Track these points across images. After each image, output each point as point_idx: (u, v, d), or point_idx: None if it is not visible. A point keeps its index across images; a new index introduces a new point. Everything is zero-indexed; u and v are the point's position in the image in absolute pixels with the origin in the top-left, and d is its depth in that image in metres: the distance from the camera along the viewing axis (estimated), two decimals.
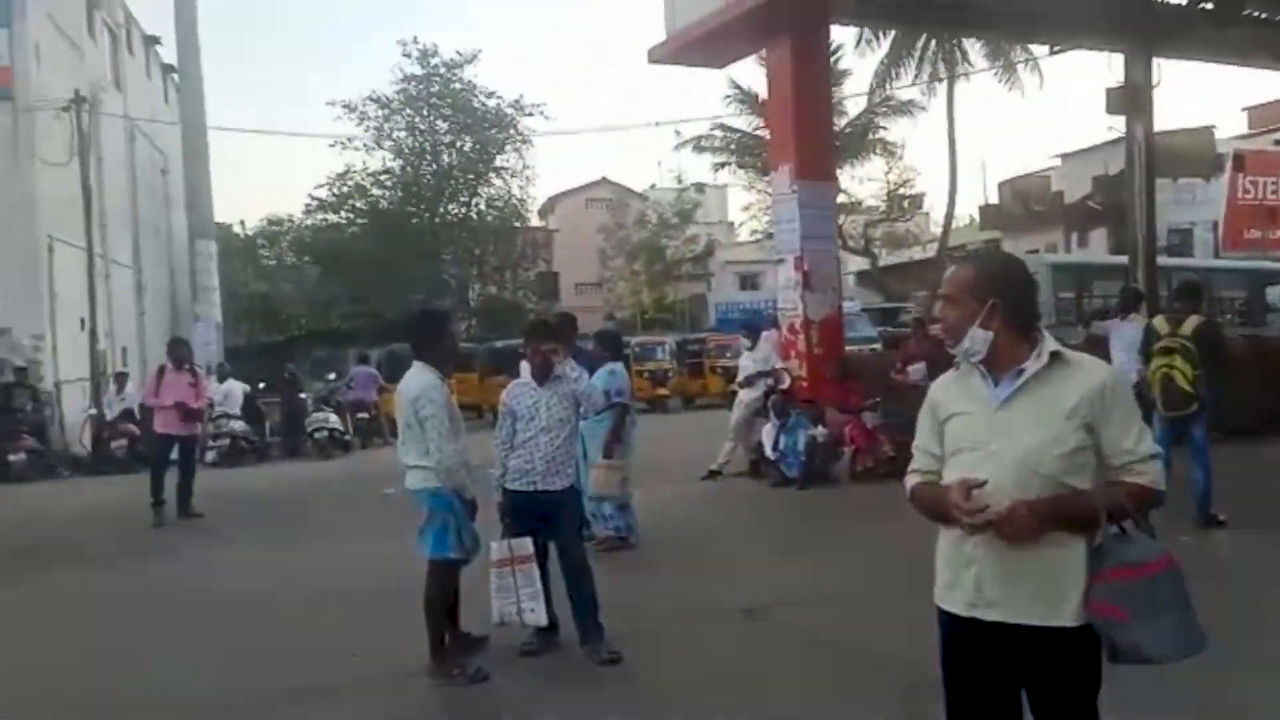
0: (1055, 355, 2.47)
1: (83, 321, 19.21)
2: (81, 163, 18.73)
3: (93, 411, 18.06)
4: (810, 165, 11.95)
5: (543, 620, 5.17)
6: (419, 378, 5.03)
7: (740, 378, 12.14)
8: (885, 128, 33.95)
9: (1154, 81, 14.84)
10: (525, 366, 5.54)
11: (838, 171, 15.14)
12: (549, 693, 4.91)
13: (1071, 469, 2.41)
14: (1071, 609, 2.39)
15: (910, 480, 2.70)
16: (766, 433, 11.07)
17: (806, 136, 12.03)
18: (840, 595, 6.32)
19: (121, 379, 18.24)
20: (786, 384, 11.65)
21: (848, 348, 13.56)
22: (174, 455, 10.99)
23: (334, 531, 9.38)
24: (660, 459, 12.22)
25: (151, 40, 29.15)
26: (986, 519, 2.37)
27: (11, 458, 15.71)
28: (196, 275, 25.88)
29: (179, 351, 11.42)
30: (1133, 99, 14.87)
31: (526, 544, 5.15)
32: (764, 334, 12.30)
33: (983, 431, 2.50)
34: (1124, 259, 16.30)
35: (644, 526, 8.14)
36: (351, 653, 5.41)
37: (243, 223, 42.55)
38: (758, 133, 33.03)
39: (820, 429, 10.92)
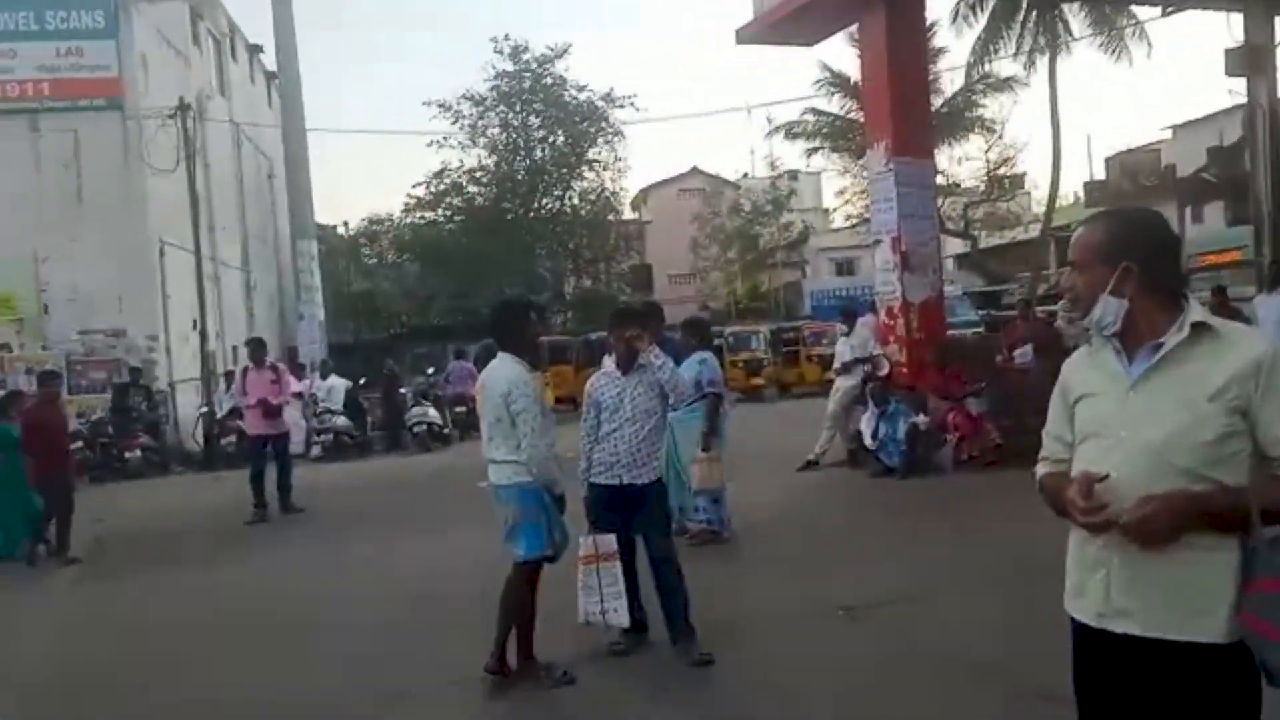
0: (1200, 326, 2.09)
1: (194, 322, 19.85)
2: (189, 168, 19.32)
3: (204, 409, 18.63)
4: (907, 142, 11.48)
5: (625, 621, 5.00)
6: (507, 370, 4.85)
7: (837, 364, 11.78)
8: (984, 105, 32.71)
9: (1277, 41, 13.94)
10: (608, 359, 5.36)
11: (935, 153, 14.51)
12: (637, 696, 4.74)
13: (1217, 460, 2.04)
14: (1219, 622, 2.03)
15: (1039, 470, 2.38)
16: (865, 421, 10.70)
17: (902, 111, 11.56)
18: (944, 594, 5.99)
19: (230, 377, 18.74)
20: (885, 370, 11.27)
21: (949, 332, 13.04)
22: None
23: (430, 526, 9.38)
24: (755, 449, 11.97)
25: (255, 48, 30.03)
26: (1107, 519, 2.05)
27: (127, 455, 16.32)
28: (299, 275, 26.55)
29: (257, 350, 11.65)
30: (1254, 59, 13.97)
31: (611, 540, 4.98)
32: (861, 319, 11.93)
33: (1112, 416, 2.16)
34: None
35: (739, 519, 7.91)
36: (439, 651, 5.34)
37: (346, 223, 43.61)
38: (850, 116, 32.31)
39: (921, 416, 10.51)
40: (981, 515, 8.30)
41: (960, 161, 34.79)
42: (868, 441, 10.61)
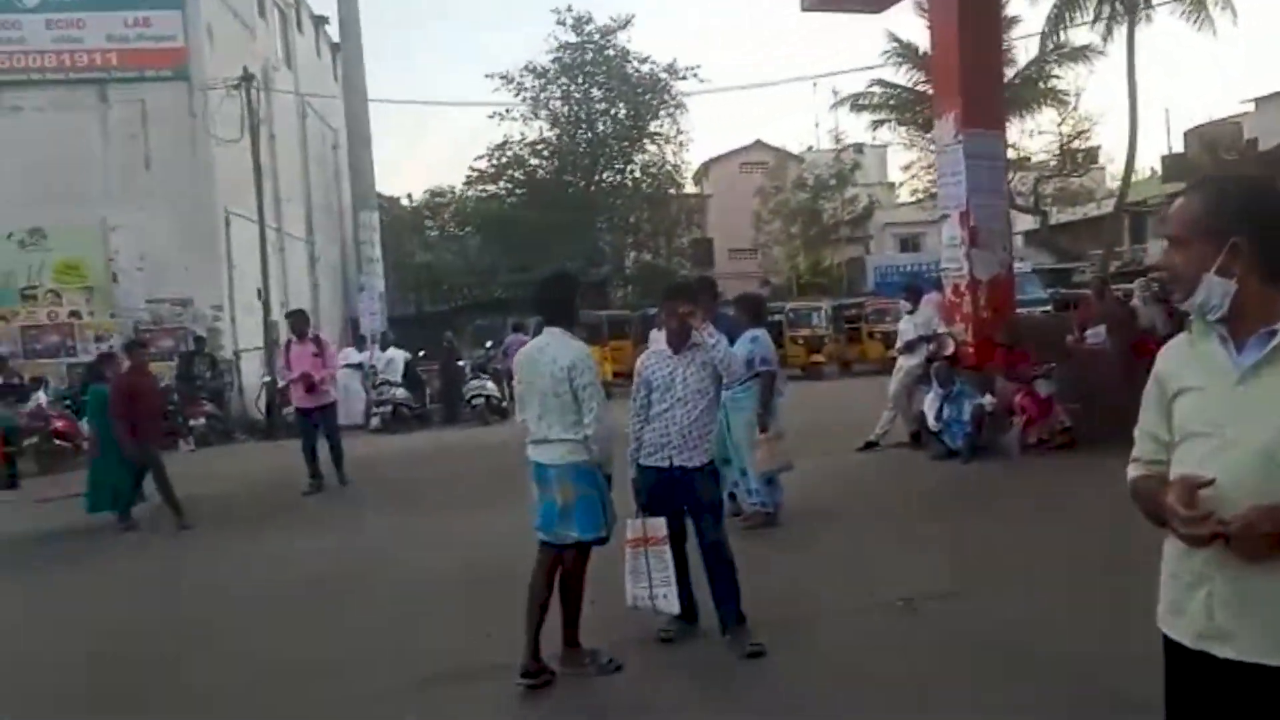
0: None
1: (259, 292, 20.09)
2: (253, 139, 19.49)
3: (266, 379, 18.87)
4: (977, 112, 11.01)
5: (675, 608, 4.82)
6: (568, 345, 4.64)
7: (900, 343, 11.45)
8: (1058, 76, 31.62)
9: None
10: (655, 334, 5.16)
11: (1006, 125, 13.90)
12: (684, 686, 4.57)
13: None
14: None
15: (1130, 472, 2.13)
16: (929, 402, 10.37)
17: (973, 81, 11.09)
18: (1012, 586, 5.68)
19: (289, 347, 18.94)
20: (950, 350, 10.90)
21: (1018, 310, 12.57)
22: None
23: (482, 501, 9.27)
24: (814, 428, 11.72)
25: (320, 20, 30.22)
26: (1212, 530, 1.81)
27: (192, 423, 16.58)
28: (360, 246, 26.79)
29: (298, 323, 11.45)
30: None
31: (660, 524, 4.79)
32: (926, 296, 11.57)
33: (1218, 412, 1.90)
34: None
35: (796, 501, 7.68)
36: (486, 632, 5.20)
37: (409, 195, 43.92)
38: (919, 88, 31.53)
39: (988, 398, 10.16)
40: (1050, 503, 7.99)
41: (1032, 134, 33.80)
42: (931, 423, 10.29)
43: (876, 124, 34.87)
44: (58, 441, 14.81)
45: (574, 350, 4.62)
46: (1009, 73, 27.68)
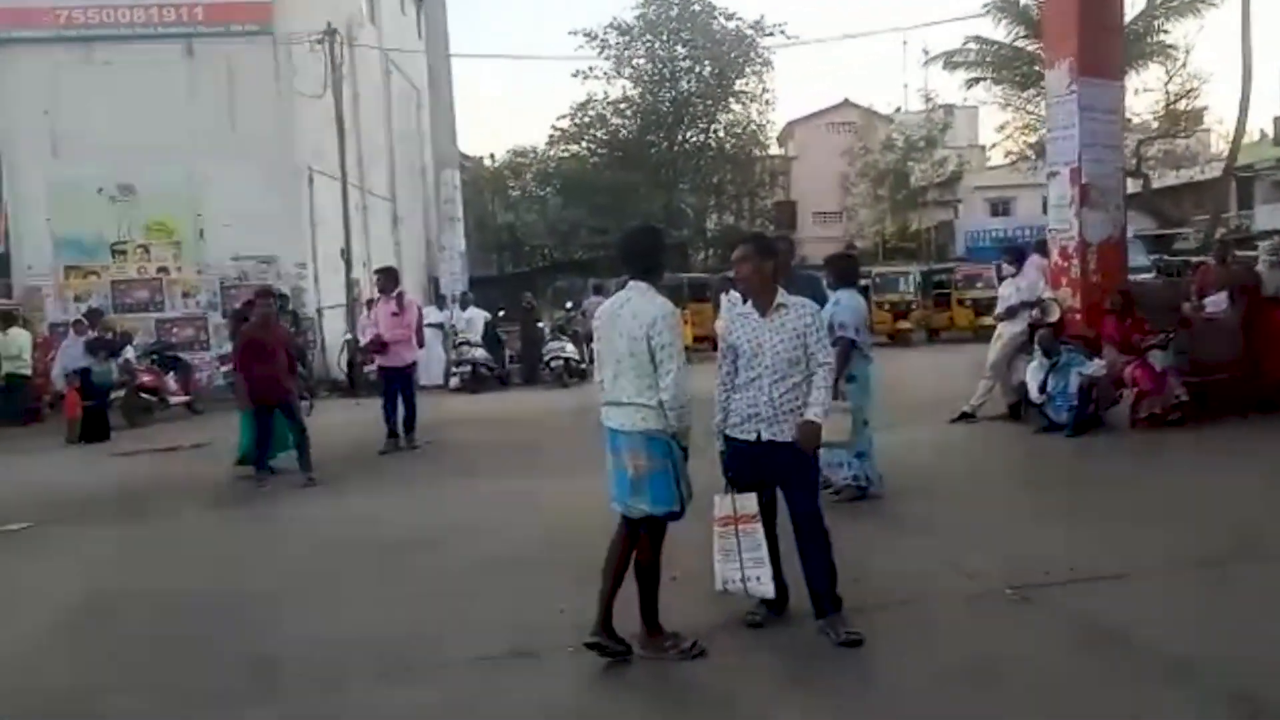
0: None
1: (342, 250, 20.14)
2: (335, 95, 19.45)
3: (348, 337, 18.93)
4: (1095, 60, 10.22)
5: (769, 591, 4.43)
6: (650, 301, 4.23)
7: (1000, 309, 10.75)
8: (1166, 31, 29.89)
9: None
10: (725, 297, 4.70)
11: (1124, 75, 12.78)
12: (771, 676, 4.20)
13: None
14: None
15: None
16: (1031, 372, 9.72)
17: (1090, 24, 10.27)
18: (1132, 575, 5.15)
19: (371, 305, 18.97)
20: (1055, 317, 10.23)
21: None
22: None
23: (558, 466, 8.98)
24: (905, 398, 11.22)
25: None
26: None
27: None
28: (441, 205, 26.74)
29: (385, 280, 11.26)
30: None
31: (751, 501, 4.39)
32: (1030, 259, 10.86)
33: None
34: None
35: (889, 476, 7.16)
36: (559, 608, 4.87)
37: (493, 155, 43.93)
38: (1017, 44, 30.19)
39: (1097, 366, 9.48)
40: (1166, 482, 7.39)
41: (1137, 93, 32.10)
42: (1033, 394, 9.65)
43: (971, 82, 33.61)
44: (144, 395, 15.04)
45: (656, 307, 4.21)
46: None
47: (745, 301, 4.64)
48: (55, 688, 4.47)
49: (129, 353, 15.48)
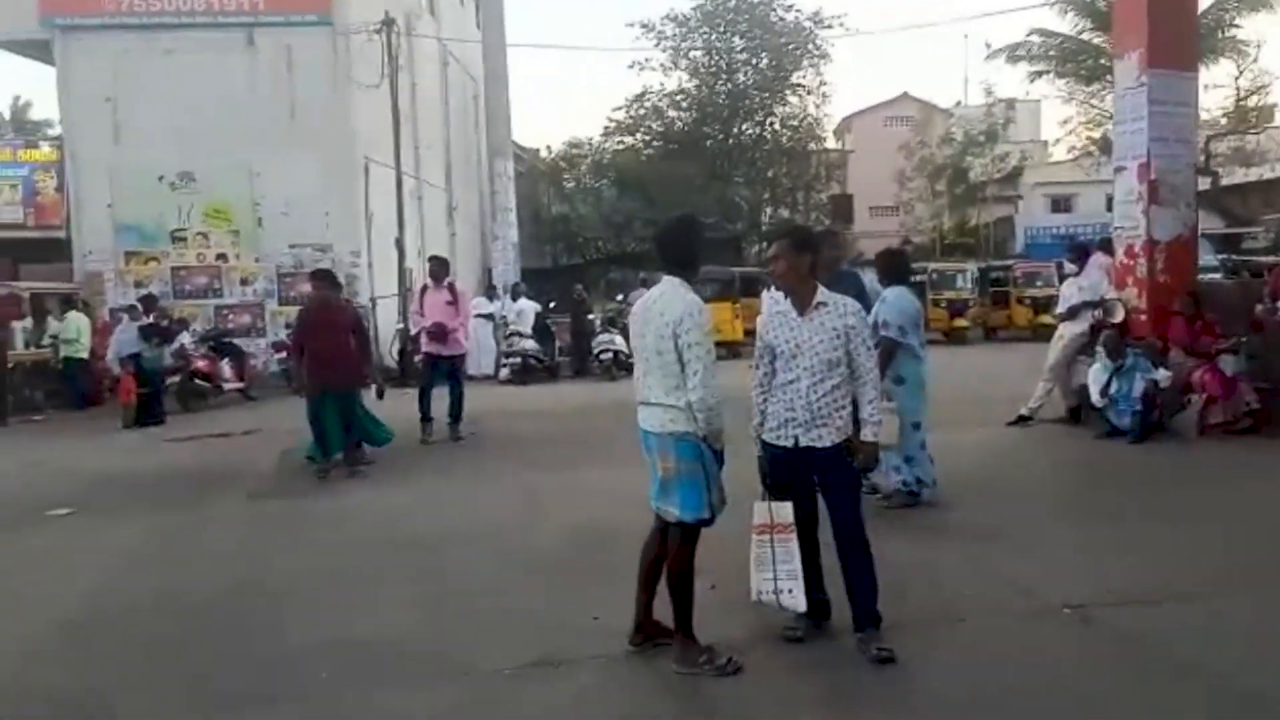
0: None
1: (396, 240, 20.23)
2: (391, 85, 19.51)
3: (400, 325, 19.01)
4: (1166, 50, 9.80)
5: (801, 605, 4.22)
6: (678, 296, 4.06)
7: (1061, 308, 10.40)
8: (1238, 25, 28.86)
9: None
10: (767, 295, 4.51)
11: (1198, 66, 12.08)
12: (810, 694, 3.98)
13: None
14: None
15: None
16: (1093, 375, 9.38)
17: (1162, 12, 9.87)
18: (1200, 595, 4.86)
19: (424, 293, 19.01)
20: (1119, 317, 9.88)
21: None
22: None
23: (603, 460, 8.81)
24: (959, 398, 10.93)
25: None
26: None
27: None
28: (495, 195, 26.77)
29: (437, 268, 11.12)
30: None
31: (787, 511, 4.19)
32: (1093, 258, 10.49)
33: None
34: None
35: (940, 481, 6.89)
36: (594, 615, 4.73)
37: (549, 147, 43.96)
38: (1083, 36, 29.40)
39: (1162, 372, 9.12)
40: (1237, 494, 7.06)
41: (1206, 88, 31.06)
42: (1095, 398, 9.32)
43: (1034, 75, 32.80)
44: (199, 382, 15.23)
45: (684, 303, 4.02)
46: None
47: (786, 299, 4.44)
48: (62, 685, 4.38)
49: (185, 339, 15.69)
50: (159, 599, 5.57)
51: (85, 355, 16.04)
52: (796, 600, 4.20)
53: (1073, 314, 10.15)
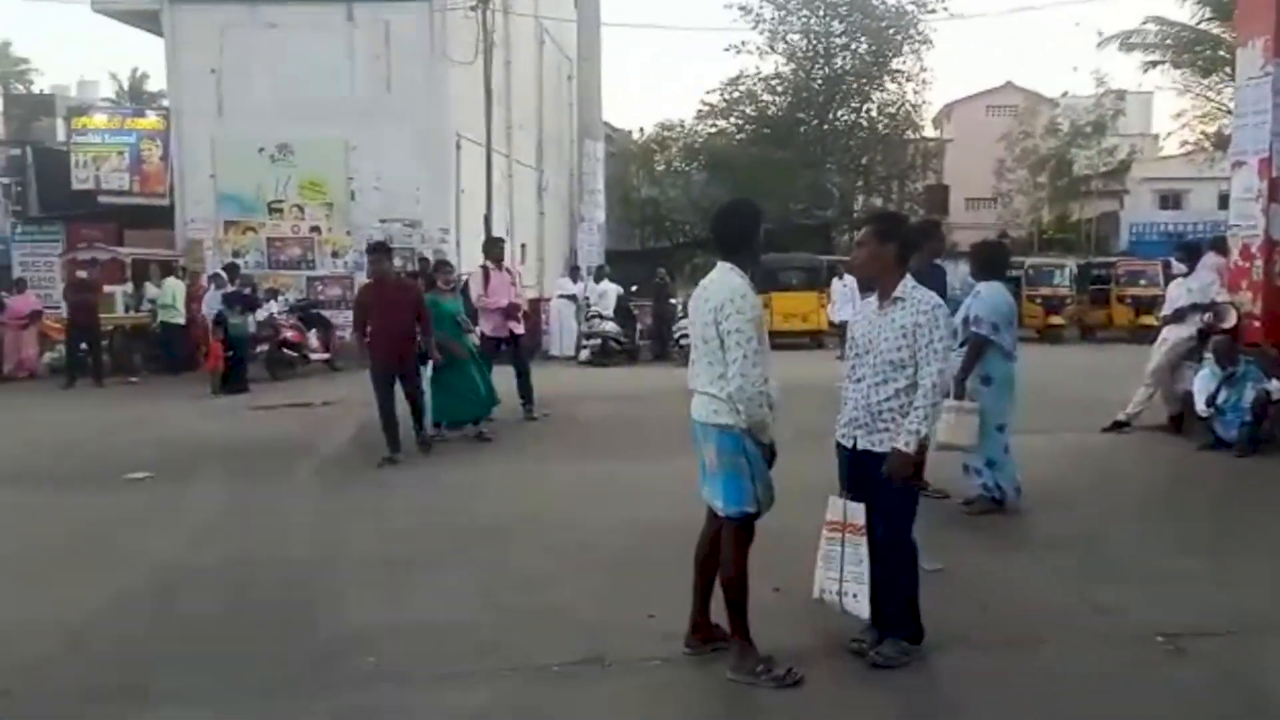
0: None
1: (486, 218, 20.32)
2: (485, 62, 19.56)
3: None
4: None
5: (864, 612, 3.98)
6: (724, 281, 3.88)
7: (1167, 310, 9.83)
8: None
9: None
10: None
11: None
12: (870, 713, 3.76)
13: None
14: None
15: None
16: (1200, 382, 8.86)
17: None
18: None
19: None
20: (1230, 323, 9.30)
21: None
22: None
23: (674, 449, 8.31)
24: (1050, 400, 10.47)
25: None
26: None
27: None
28: (583, 176, 26.74)
29: (495, 250, 11.04)
30: None
31: (860, 511, 3.97)
32: (1205, 258, 9.89)
33: None
34: None
35: (1026, 488, 6.51)
36: (650, 613, 4.54)
37: (641, 129, 43.77)
38: (1201, 25, 28.04)
39: (1275, 383, 8.56)
40: None
41: None
42: (1200, 407, 8.80)
43: (1148, 65, 31.41)
44: (287, 351, 15.54)
45: (729, 288, 3.84)
46: None
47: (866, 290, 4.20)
48: (104, 657, 4.37)
49: (273, 308, 16.01)
50: (218, 572, 5.58)
51: (181, 321, 16.51)
52: (860, 606, 3.98)
53: (1179, 317, 9.59)
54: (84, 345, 15.41)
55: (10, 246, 20.93)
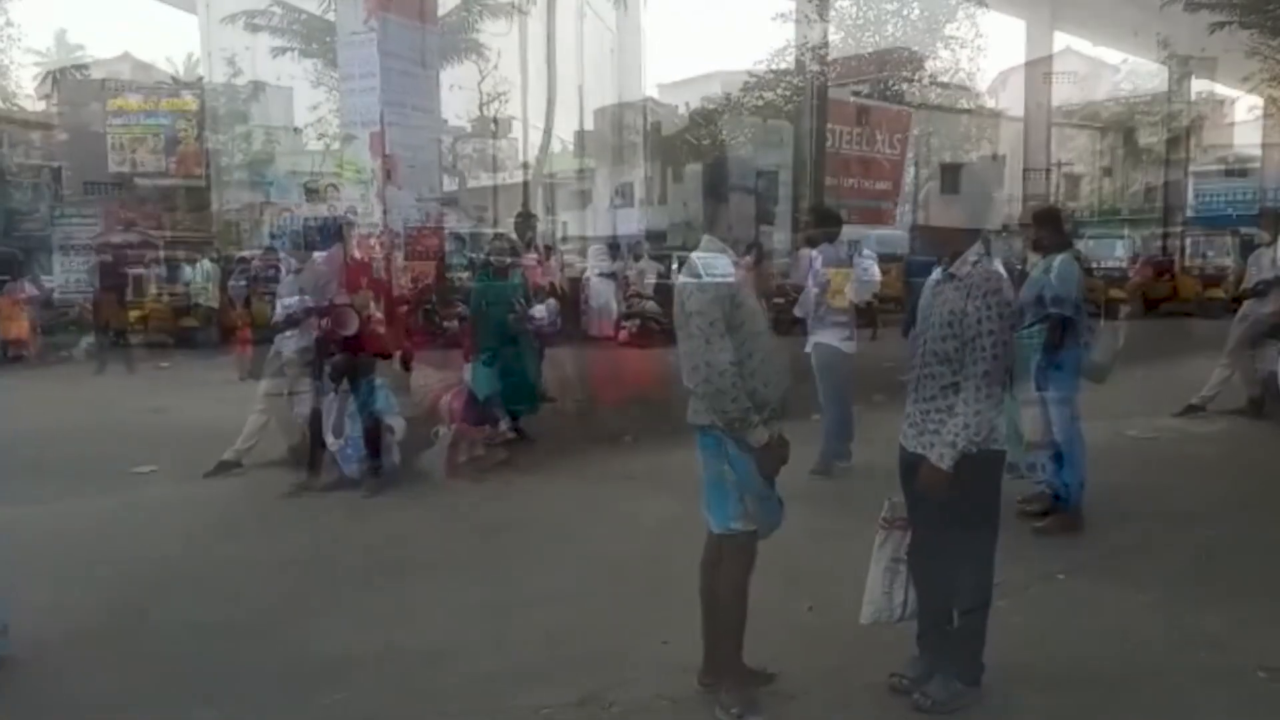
0: None
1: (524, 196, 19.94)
2: (521, 36, 19.13)
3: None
4: None
5: (898, 614, 3.47)
6: (694, 256, 3.33)
7: (1249, 283, 9.06)
8: None
9: None
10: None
11: None
12: None
13: None
14: None
15: None
16: None
17: None
18: None
19: (548, 253, 18.65)
20: None
21: None
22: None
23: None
24: (1115, 380, 9.68)
25: None
26: None
27: (445, 324, 16.61)
28: (623, 151, 26.24)
29: (524, 228, 10.82)
30: None
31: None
32: None
33: None
34: None
35: (1092, 484, 5.71)
36: (663, 640, 3.98)
37: (687, 104, 43.02)
38: None
39: None
40: None
41: None
42: None
43: (1214, 27, 30.05)
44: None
45: (692, 263, 3.29)
46: None
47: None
48: (79, 692, 3.87)
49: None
50: (199, 579, 5.08)
51: (214, 304, 16.28)
52: (911, 609, 3.44)
53: (1259, 291, 8.82)
54: (114, 329, 15.25)
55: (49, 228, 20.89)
